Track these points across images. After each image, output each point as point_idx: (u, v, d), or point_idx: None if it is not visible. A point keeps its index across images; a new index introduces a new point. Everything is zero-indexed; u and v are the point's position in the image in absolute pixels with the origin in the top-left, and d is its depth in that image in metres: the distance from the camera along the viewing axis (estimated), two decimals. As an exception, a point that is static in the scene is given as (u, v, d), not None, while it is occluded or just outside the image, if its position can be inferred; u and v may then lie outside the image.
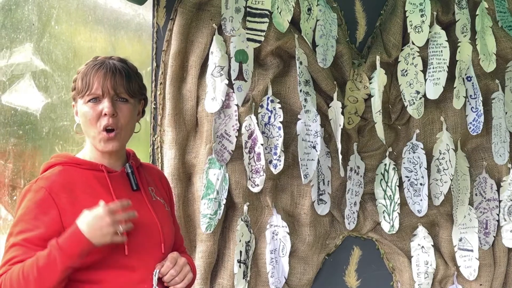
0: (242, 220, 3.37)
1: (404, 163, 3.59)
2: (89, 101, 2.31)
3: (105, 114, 2.29)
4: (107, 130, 2.31)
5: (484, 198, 3.67)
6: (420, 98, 3.48)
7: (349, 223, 3.55)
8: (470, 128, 3.55)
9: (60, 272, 2.14)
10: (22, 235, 2.20)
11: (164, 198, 2.49)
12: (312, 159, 3.39)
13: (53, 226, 2.22)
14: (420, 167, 3.56)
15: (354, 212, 3.56)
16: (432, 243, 3.61)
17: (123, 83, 2.32)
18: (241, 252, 3.35)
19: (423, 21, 3.46)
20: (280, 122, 3.42)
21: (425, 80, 3.48)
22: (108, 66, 2.33)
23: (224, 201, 3.34)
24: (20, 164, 4.21)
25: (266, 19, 3.30)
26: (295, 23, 3.42)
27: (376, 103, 3.40)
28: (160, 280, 2.32)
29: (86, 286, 2.25)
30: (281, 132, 3.40)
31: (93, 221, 2.16)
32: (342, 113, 3.44)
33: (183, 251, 2.59)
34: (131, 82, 2.35)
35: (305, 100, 3.38)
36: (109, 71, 2.32)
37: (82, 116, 2.33)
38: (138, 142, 3.54)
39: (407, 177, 3.58)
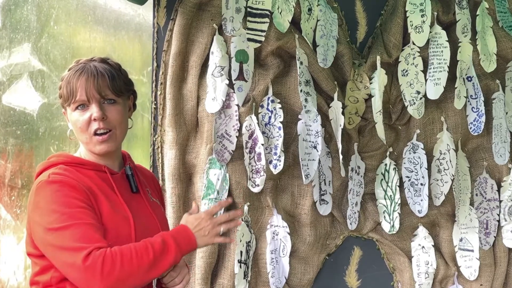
0: (242, 220, 3.37)
1: (404, 163, 3.59)
2: (76, 108, 2.29)
3: (95, 119, 2.27)
4: (98, 134, 2.29)
5: (485, 198, 3.67)
6: (421, 98, 3.48)
7: (351, 223, 3.55)
8: (471, 128, 3.55)
9: (169, 264, 2.18)
10: (73, 219, 2.12)
11: (158, 199, 2.52)
12: (313, 159, 3.39)
13: (91, 205, 2.20)
14: (420, 167, 3.56)
15: (355, 212, 3.56)
16: (433, 243, 3.61)
17: (107, 84, 2.29)
18: (241, 252, 3.34)
19: (424, 21, 3.46)
20: (281, 122, 3.41)
21: (426, 80, 3.48)
22: (90, 70, 2.29)
23: (225, 201, 3.34)
24: (17, 164, 4.20)
25: (267, 19, 3.31)
26: (295, 23, 3.42)
27: (377, 103, 3.40)
28: (159, 281, 2.33)
29: None
30: (281, 132, 3.40)
31: (196, 224, 2.28)
32: (343, 113, 3.43)
33: None
34: (115, 81, 2.31)
35: (306, 100, 3.38)
36: (90, 75, 2.28)
37: (73, 124, 2.32)
38: (138, 143, 3.53)
39: (407, 177, 3.58)
